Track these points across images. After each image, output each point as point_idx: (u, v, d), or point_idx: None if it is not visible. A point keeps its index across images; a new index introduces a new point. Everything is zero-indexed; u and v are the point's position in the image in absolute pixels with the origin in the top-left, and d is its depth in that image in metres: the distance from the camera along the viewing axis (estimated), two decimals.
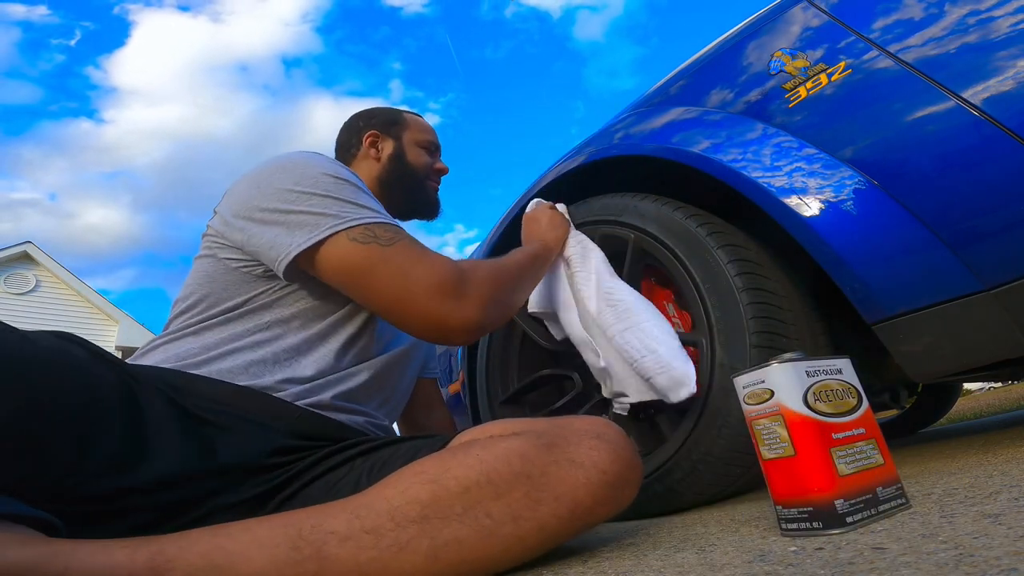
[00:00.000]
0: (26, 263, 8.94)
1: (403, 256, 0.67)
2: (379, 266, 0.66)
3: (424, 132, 1.03)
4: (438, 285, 0.66)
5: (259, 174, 0.73)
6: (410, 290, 0.66)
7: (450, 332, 0.68)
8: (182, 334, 0.70)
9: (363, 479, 0.58)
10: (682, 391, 0.75)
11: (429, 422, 1.05)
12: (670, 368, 0.76)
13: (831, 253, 0.68)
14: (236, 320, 0.71)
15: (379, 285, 0.67)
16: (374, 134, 0.99)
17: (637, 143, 0.94)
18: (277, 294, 0.73)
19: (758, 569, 0.38)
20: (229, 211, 0.72)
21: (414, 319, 0.68)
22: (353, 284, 0.68)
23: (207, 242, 0.75)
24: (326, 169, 0.72)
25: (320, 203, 0.68)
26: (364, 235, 0.67)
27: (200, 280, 0.73)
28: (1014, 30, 0.59)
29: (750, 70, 0.81)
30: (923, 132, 0.63)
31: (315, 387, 0.69)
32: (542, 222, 0.98)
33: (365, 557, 0.46)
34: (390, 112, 1.04)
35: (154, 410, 0.54)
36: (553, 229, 0.96)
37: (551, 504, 0.50)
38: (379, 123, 1.00)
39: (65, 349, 0.49)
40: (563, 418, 0.59)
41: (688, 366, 0.76)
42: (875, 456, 0.47)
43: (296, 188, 0.69)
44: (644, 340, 0.80)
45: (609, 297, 0.87)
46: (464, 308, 0.68)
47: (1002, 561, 0.29)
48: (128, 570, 0.41)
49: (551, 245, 0.94)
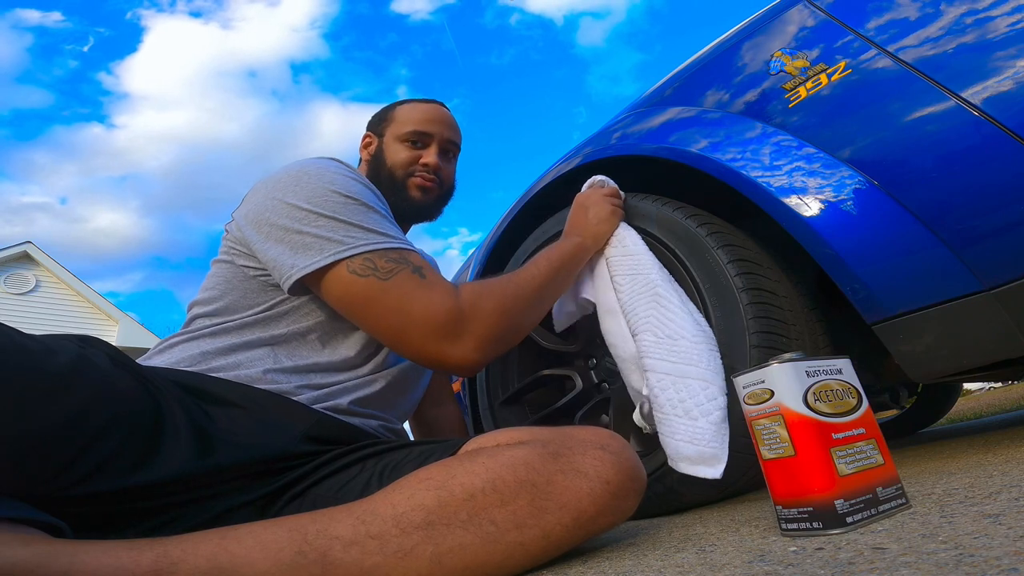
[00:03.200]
0: (26, 263, 8.93)
1: (400, 291, 0.65)
2: (377, 300, 0.65)
3: (408, 123, 0.91)
4: (434, 324, 0.65)
5: (275, 183, 0.72)
6: (405, 328, 0.65)
7: (451, 369, 0.68)
8: (200, 334, 0.70)
9: (373, 482, 0.58)
10: (702, 469, 0.67)
11: (439, 417, 1.05)
12: (703, 442, 0.67)
13: (831, 253, 0.68)
14: (254, 326, 0.71)
15: (376, 319, 0.66)
16: (367, 135, 0.97)
17: (634, 143, 0.94)
18: (295, 303, 0.73)
19: (758, 569, 0.38)
20: (244, 219, 0.72)
21: (411, 355, 0.68)
22: (352, 315, 0.68)
23: (225, 246, 0.75)
24: (338, 186, 0.70)
25: (326, 226, 0.67)
26: (363, 266, 0.66)
27: (219, 284, 0.73)
28: (1013, 30, 0.59)
29: (749, 70, 0.81)
30: (923, 132, 0.63)
31: (333, 392, 0.70)
32: (589, 212, 0.88)
33: (370, 562, 0.46)
34: (387, 108, 0.98)
35: (173, 414, 0.54)
36: (599, 223, 0.87)
37: (556, 512, 0.50)
38: (372, 121, 0.98)
39: (89, 360, 0.49)
40: (568, 428, 0.59)
41: (724, 451, 0.67)
42: (875, 456, 0.47)
43: (305, 206, 0.68)
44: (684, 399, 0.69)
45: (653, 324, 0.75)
46: (461, 348, 0.66)
47: (1002, 561, 0.29)
48: (132, 572, 0.41)
49: (589, 245, 0.86)
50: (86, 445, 0.45)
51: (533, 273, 0.77)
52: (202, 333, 0.70)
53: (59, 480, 0.44)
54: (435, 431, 1.04)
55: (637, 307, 0.79)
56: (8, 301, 8.51)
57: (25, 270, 8.87)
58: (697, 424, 0.68)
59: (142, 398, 0.52)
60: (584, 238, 0.86)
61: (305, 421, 0.64)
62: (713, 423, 0.68)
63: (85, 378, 0.47)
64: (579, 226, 0.88)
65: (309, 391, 0.67)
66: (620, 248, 0.86)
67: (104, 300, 9.23)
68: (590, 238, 0.86)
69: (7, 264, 8.74)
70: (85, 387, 0.46)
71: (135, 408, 0.50)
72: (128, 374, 0.52)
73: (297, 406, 0.65)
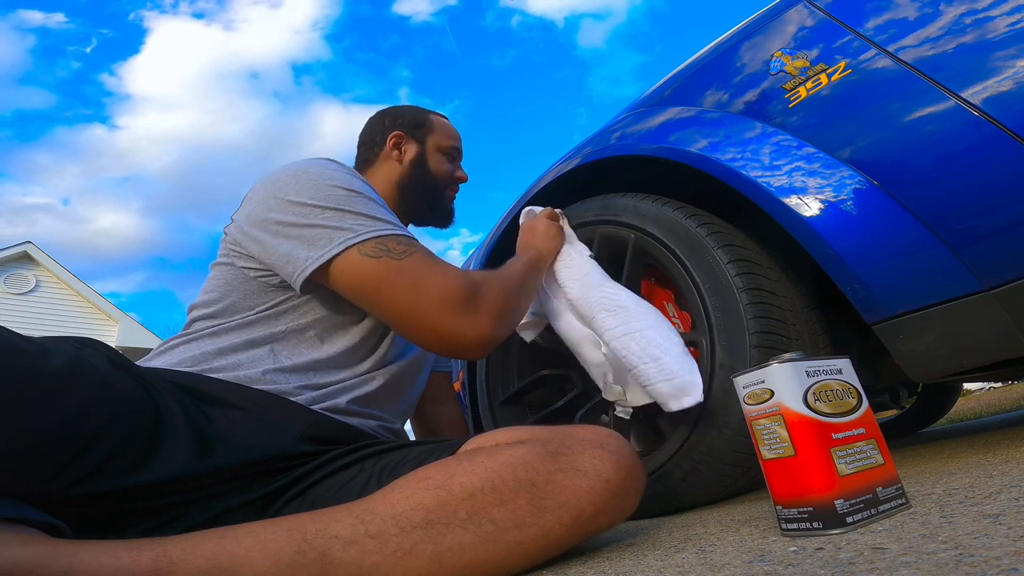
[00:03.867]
0: (26, 263, 8.93)
1: (416, 269, 0.66)
2: (392, 280, 0.66)
3: (449, 138, 1.00)
4: (451, 299, 0.65)
5: (275, 184, 0.72)
6: (422, 304, 0.65)
7: (464, 347, 0.68)
8: (200, 335, 0.70)
9: (372, 482, 0.58)
10: (684, 400, 0.72)
11: (439, 416, 1.05)
12: (673, 376, 0.73)
13: (831, 253, 0.68)
14: (254, 325, 0.71)
15: (392, 299, 0.66)
16: (399, 135, 0.96)
17: (633, 143, 0.94)
18: (295, 302, 0.73)
19: (758, 569, 0.38)
20: (245, 221, 0.72)
21: (427, 333, 0.67)
22: (366, 298, 0.68)
23: (225, 248, 0.75)
24: (339, 181, 0.71)
25: (334, 217, 0.68)
26: (376, 249, 0.66)
27: (219, 286, 0.74)
28: (1013, 29, 0.59)
29: (749, 70, 0.81)
30: (923, 132, 0.63)
31: (331, 392, 0.70)
32: (537, 232, 0.94)
33: (369, 562, 0.46)
34: (418, 113, 1.00)
35: (172, 415, 0.54)
36: (547, 240, 0.93)
37: (555, 511, 0.50)
38: (405, 124, 0.97)
39: (86, 361, 0.49)
40: (567, 427, 0.59)
41: (694, 375, 0.73)
42: (875, 456, 0.47)
43: (310, 201, 0.68)
44: (645, 347, 0.76)
45: (605, 302, 0.84)
46: (477, 322, 0.67)
47: (1002, 561, 0.29)
48: (132, 571, 0.41)
49: (544, 256, 0.91)
50: (85, 445, 0.45)
51: (515, 268, 0.82)
52: (202, 334, 0.70)
53: (58, 480, 0.44)
54: (436, 431, 1.04)
55: (588, 296, 0.86)
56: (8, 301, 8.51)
57: (25, 270, 8.87)
58: (662, 362, 0.74)
59: (141, 399, 0.52)
60: (540, 250, 0.91)
61: (303, 421, 0.64)
62: (675, 356, 0.74)
63: (82, 379, 0.47)
64: (531, 243, 0.93)
65: (308, 391, 0.68)
66: (567, 260, 0.93)
67: (104, 300, 9.22)
68: (546, 250, 0.92)
69: (7, 264, 8.74)
70: (83, 388, 0.46)
71: (134, 408, 0.50)
72: (126, 375, 0.52)
73: (295, 406, 0.65)
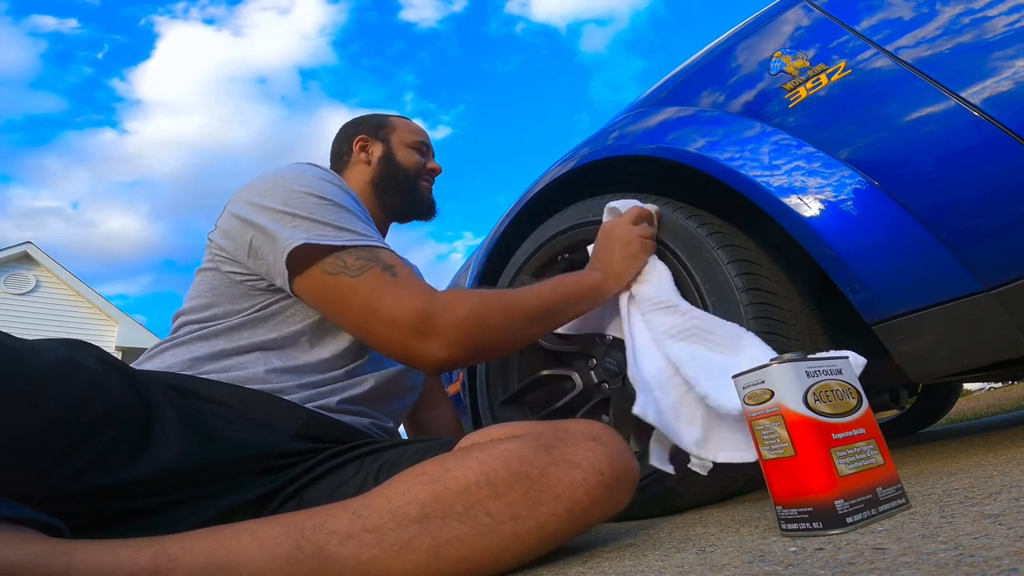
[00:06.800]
0: (26, 263, 8.94)
1: (369, 288, 0.66)
2: (346, 297, 0.66)
3: (413, 133, 1.03)
4: (400, 322, 0.64)
5: (251, 189, 0.73)
6: (373, 324, 0.66)
7: (420, 367, 0.68)
8: (189, 338, 0.71)
9: (369, 480, 0.59)
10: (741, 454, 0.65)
11: (434, 418, 1.05)
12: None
13: (831, 253, 0.68)
14: (243, 329, 0.71)
15: (346, 316, 0.68)
16: (363, 138, 1.00)
17: (631, 143, 0.94)
18: (284, 304, 0.73)
19: (758, 569, 0.38)
20: (226, 223, 0.73)
21: (383, 350, 0.68)
22: (330, 315, 0.70)
23: (209, 254, 0.76)
24: (312, 188, 0.71)
25: (301, 226, 0.68)
26: (334, 265, 0.66)
27: (205, 292, 0.74)
28: (1012, 29, 0.59)
29: (748, 70, 0.81)
30: (923, 132, 0.63)
31: (323, 391, 0.70)
32: (615, 248, 0.83)
33: (367, 556, 0.46)
34: (377, 116, 1.05)
35: (163, 411, 0.54)
36: (625, 261, 0.82)
37: (550, 504, 0.51)
38: (366, 127, 1.02)
39: (76, 360, 0.49)
40: (561, 421, 0.60)
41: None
42: (875, 456, 0.47)
43: (281, 208, 0.69)
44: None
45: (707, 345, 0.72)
46: (428, 347, 0.65)
47: (1002, 561, 0.29)
48: (130, 569, 0.41)
49: (610, 284, 0.82)
50: (78, 442, 0.46)
51: (535, 296, 0.75)
52: (191, 337, 0.70)
53: (53, 477, 0.44)
54: (430, 433, 1.04)
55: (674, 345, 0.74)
56: (8, 301, 8.51)
57: (25, 270, 8.88)
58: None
59: (132, 396, 0.52)
60: (607, 276, 0.82)
61: (296, 419, 0.64)
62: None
63: (73, 377, 0.47)
64: (603, 262, 0.84)
65: (300, 390, 0.68)
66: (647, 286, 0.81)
67: (104, 300, 9.23)
68: (612, 277, 0.82)
69: (7, 264, 8.74)
70: (73, 386, 0.47)
71: (126, 405, 0.51)
72: (117, 374, 0.53)
73: (288, 404, 0.65)
